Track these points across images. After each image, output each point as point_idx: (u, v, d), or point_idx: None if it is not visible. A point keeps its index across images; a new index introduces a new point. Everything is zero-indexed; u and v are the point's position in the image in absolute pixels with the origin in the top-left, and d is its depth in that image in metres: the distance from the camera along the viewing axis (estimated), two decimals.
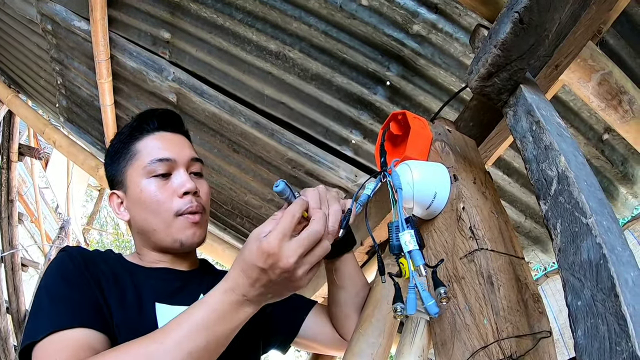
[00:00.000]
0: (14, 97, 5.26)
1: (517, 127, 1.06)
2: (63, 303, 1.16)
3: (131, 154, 1.47)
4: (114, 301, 1.25)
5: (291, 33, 2.54)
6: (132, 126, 1.52)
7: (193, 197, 1.45)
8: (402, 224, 1.02)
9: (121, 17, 3.09)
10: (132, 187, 1.45)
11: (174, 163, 1.46)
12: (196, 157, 1.54)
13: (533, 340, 0.92)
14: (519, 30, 1.03)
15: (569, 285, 0.73)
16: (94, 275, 1.26)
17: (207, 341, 1.02)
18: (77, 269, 1.25)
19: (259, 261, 0.99)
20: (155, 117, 1.53)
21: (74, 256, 1.28)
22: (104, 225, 16.74)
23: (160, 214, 1.41)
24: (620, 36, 2.24)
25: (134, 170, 1.46)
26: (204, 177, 1.58)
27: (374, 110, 2.57)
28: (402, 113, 1.31)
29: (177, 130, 1.57)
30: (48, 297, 1.18)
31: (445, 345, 1.01)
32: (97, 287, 1.24)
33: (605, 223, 0.75)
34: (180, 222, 1.42)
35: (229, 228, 3.99)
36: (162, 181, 1.43)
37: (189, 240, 1.44)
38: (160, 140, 1.49)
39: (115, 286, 1.29)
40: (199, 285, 1.46)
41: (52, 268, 1.26)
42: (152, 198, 1.41)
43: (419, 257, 0.98)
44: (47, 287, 1.21)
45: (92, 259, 1.32)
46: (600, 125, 2.51)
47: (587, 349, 0.66)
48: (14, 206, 6.89)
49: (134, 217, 1.47)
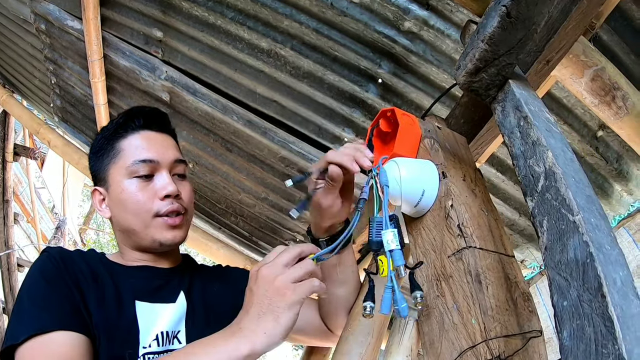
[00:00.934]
0: (8, 97, 5.25)
1: (505, 123, 1.04)
2: (44, 305, 1.15)
3: (115, 152, 1.45)
4: (93, 300, 1.24)
5: (282, 31, 2.53)
6: (118, 123, 1.49)
7: (174, 199, 1.43)
8: (386, 222, 1.02)
9: (114, 16, 3.07)
10: (114, 186, 1.43)
11: (157, 165, 1.43)
12: (180, 159, 1.51)
13: (522, 339, 0.90)
14: (506, 24, 1.01)
15: (555, 285, 0.72)
16: (72, 276, 1.25)
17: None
18: (57, 270, 1.24)
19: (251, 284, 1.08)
20: (141, 115, 1.50)
21: (53, 257, 1.27)
22: (100, 225, 16.73)
23: (140, 215, 1.39)
24: (613, 32, 2.22)
25: (116, 169, 1.43)
26: (187, 178, 1.55)
27: (366, 107, 2.56)
28: (391, 110, 1.29)
29: (163, 129, 1.54)
30: (29, 299, 1.18)
31: (433, 345, 1.00)
32: (76, 287, 1.23)
33: (594, 220, 0.73)
34: (158, 222, 1.40)
35: (223, 227, 3.98)
36: (144, 182, 1.41)
37: (168, 242, 1.42)
38: (144, 140, 1.46)
39: (95, 285, 1.28)
40: (180, 283, 1.46)
41: (33, 270, 1.25)
42: (133, 198, 1.39)
43: (400, 257, 0.98)
44: (28, 289, 1.21)
45: (72, 259, 1.31)
46: (594, 122, 2.50)
47: (572, 351, 0.64)
48: (9, 206, 6.87)
49: (115, 216, 1.45)
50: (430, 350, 1.01)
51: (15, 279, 7.05)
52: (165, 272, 1.47)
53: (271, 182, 3.21)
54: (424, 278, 1.09)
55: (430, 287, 1.06)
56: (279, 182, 3.17)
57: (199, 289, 1.49)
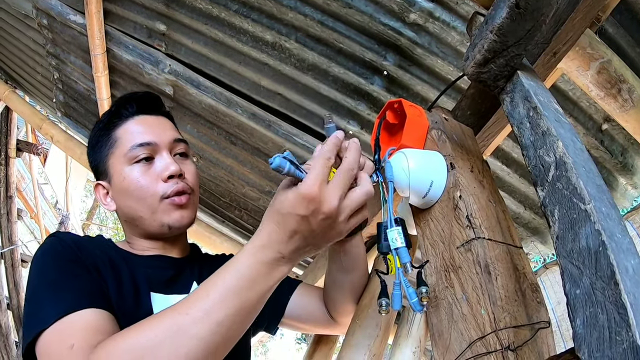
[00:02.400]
0: (10, 93, 5.24)
1: (514, 114, 1.04)
2: (66, 286, 1.12)
3: (112, 141, 1.43)
4: (112, 287, 1.22)
5: (287, 23, 2.52)
6: (111, 112, 1.48)
7: (178, 179, 1.41)
8: (391, 221, 1.02)
9: (116, 10, 3.07)
10: (116, 176, 1.41)
11: (156, 146, 1.42)
12: (179, 138, 1.50)
13: (531, 330, 0.90)
14: (515, 15, 1.01)
15: (567, 274, 0.72)
16: (89, 259, 1.22)
17: (239, 308, 0.94)
18: (71, 252, 1.21)
19: (299, 209, 0.91)
20: (133, 100, 1.48)
21: (64, 240, 1.24)
22: (103, 220, 16.76)
23: (146, 200, 1.37)
24: (619, 25, 2.22)
25: (115, 158, 1.42)
26: (189, 157, 1.53)
27: (371, 100, 2.56)
28: (398, 101, 1.29)
29: (157, 112, 1.52)
30: (47, 283, 1.14)
31: (442, 336, 1.00)
32: (95, 269, 1.21)
33: (605, 209, 0.73)
34: (165, 205, 1.38)
35: (227, 220, 3.98)
36: (145, 166, 1.40)
37: (177, 223, 1.40)
38: (140, 124, 1.45)
39: (112, 271, 1.26)
40: (191, 274, 1.45)
41: (42, 254, 1.22)
42: (136, 184, 1.37)
43: (406, 254, 0.98)
44: (43, 273, 1.17)
45: (84, 243, 1.29)
46: (600, 115, 2.49)
47: (586, 339, 0.64)
48: (12, 202, 6.88)
49: (120, 206, 1.44)
50: (439, 341, 1.01)
51: (19, 275, 7.06)
52: (177, 262, 1.46)
53: (275, 175, 3.21)
54: (432, 269, 1.09)
55: (439, 278, 1.06)
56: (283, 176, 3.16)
57: None
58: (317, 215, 0.92)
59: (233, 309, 0.94)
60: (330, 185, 0.93)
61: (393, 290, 1.01)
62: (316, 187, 0.90)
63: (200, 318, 0.92)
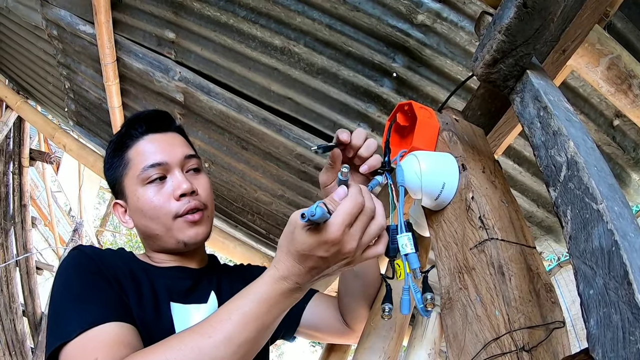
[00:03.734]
0: (22, 103, 5.29)
1: (525, 114, 1.04)
2: (89, 299, 1.14)
3: (124, 163, 1.46)
4: (133, 297, 1.24)
5: (295, 28, 2.53)
6: (121, 134, 1.51)
7: (190, 197, 1.43)
8: (401, 226, 1.05)
9: (125, 19, 3.09)
10: (131, 196, 1.44)
11: (167, 165, 1.44)
12: (191, 154, 1.52)
13: (546, 330, 0.90)
14: (523, 14, 1.01)
15: (581, 274, 0.72)
16: (110, 271, 1.25)
17: (257, 331, 1.01)
18: (94, 265, 1.24)
19: (320, 251, 0.95)
20: (141, 120, 1.51)
21: (87, 254, 1.27)
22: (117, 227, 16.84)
23: (160, 219, 1.41)
24: (627, 19, 2.20)
25: (129, 179, 1.45)
26: (202, 171, 1.55)
27: (381, 102, 2.56)
28: (409, 103, 1.29)
29: (167, 128, 1.54)
30: (70, 296, 1.16)
31: (456, 338, 1.00)
32: (116, 281, 1.23)
33: (617, 209, 0.73)
34: (180, 223, 1.41)
35: (240, 225, 3.99)
36: (158, 186, 1.42)
37: (192, 240, 1.43)
38: (150, 144, 1.47)
39: (133, 283, 1.29)
40: (209, 284, 1.48)
41: (67, 267, 1.25)
42: (150, 204, 1.40)
43: (415, 260, 1.03)
44: (67, 286, 1.19)
45: (106, 256, 1.31)
46: (611, 111, 2.48)
47: (600, 339, 0.64)
48: (27, 211, 6.96)
49: (137, 224, 1.47)
50: (453, 342, 1.01)
51: (34, 282, 7.14)
52: (195, 272, 1.48)
53: (287, 179, 3.22)
54: (446, 271, 1.09)
55: (452, 279, 1.06)
56: (295, 179, 3.17)
57: (228, 288, 1.49)
58: (338, 255, 0.96)
59: (252, 333, 1.00)
60: (353, 230, 0.96)
61: (402, 295, 1.06)
62: (340, 232, 0.93)
63: (221, 341, 0.97)
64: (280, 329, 1.65)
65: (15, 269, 6.92)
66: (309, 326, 1.67)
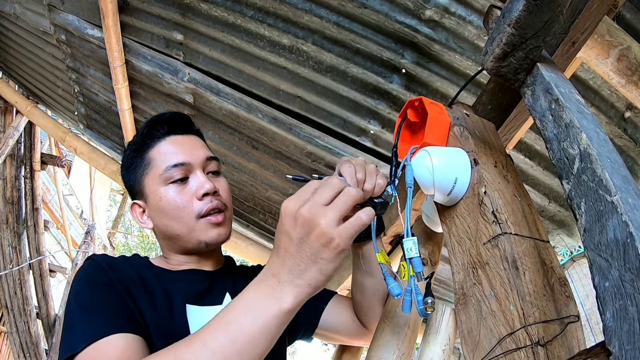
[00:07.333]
0: (33, 108, 5.33)
1: (536, 107, 1.03)
2: (96, 311, 1.16)
3: (146, 163, 1.48)
4: (145, 305, 1.25)
5: (303, 26, 2.53)
6: (143, 134, 1.52)
7: (213, 197, 1.45)
8: (407, 230, 1.08)
9: (133, 22, 3.10)
10: (152, 196, 1.45)
11: (190, 166, 1.46)
12: (211, 156, 1.53)
13: (561, 325, 0.90)
14: (532, 7, 1.00)
15: (596, 266, 0.71)
16: (121, 281, 1.26)
17: (232, 338, 0.93)
18: (105, 276, 1.25)
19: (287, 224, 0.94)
20: (164, 121, 1.52)
21: (99, 264, 1.29)
22: (129, 228, 16.92)
23: (182, 219, 1.42)
24: (636, 10, 2.19)
25: (150, 179, 1.46)
26: (221, 174, 1.57)
27: (390, 99, 2.55)
28: (419, 99, 1.29)
29: (188, 131, 1.56)
30: (80, 308, 1.18)
31: (471, 333, 0.99)
32: (126, 292, 1.24)
33: (631, 200, 0.73)
34: (202, 224, 1.42)
35: (252, 224, 4.00)
36: (180, 186, 1.44)
37: (214, 241, 1.45)
38: (172, 145, 1.48)
39: (144, 290, 1.30)
40: (224, 285, 1.48)
41: (79, 278, 1.26)
42: (172, 204, 1.41)
43: (419, 264, 1.07)
44: (77, 298, 1.21)
45: (118, 265, 1.32)
46: (622, 103, 2.46)
47: (616, 332, 0.64)
48: (39, 214, 7.01)
49: (157, 225, 1.48)
50: (468, 338, 1.01)
51: (47, 284, 7.20)
52: (210, 274, 1.50)
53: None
54: (460, 266, 1.08)
55: (466, 275, 1.06)
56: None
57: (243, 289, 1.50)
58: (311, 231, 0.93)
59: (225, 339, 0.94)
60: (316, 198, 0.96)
61: (404, 296, 1.10)
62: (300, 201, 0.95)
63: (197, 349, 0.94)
64: (299, 330, 1.66)
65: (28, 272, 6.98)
66: (327, 328, 1.67)
